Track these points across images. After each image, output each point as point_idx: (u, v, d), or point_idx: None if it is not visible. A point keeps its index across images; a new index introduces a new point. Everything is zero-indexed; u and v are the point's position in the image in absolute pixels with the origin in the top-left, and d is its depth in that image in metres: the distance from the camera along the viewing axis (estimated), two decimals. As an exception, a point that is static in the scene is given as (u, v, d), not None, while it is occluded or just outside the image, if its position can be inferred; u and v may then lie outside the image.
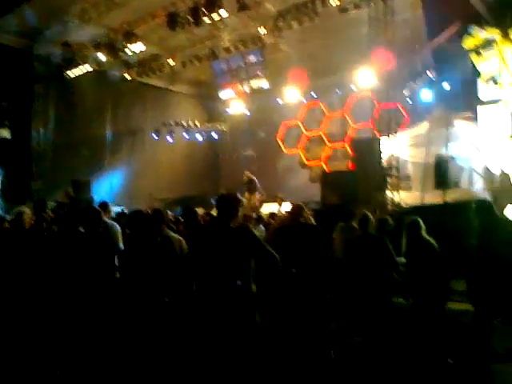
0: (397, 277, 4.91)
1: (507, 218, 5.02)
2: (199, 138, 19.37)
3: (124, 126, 17.25)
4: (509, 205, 5.67)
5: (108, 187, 15.31)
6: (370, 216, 4.95)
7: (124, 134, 17.31)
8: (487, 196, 10.25)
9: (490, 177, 10.52)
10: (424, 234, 4.96)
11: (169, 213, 7.70)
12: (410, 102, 14.91)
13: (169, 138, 18.36)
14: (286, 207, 10.57)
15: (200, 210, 7.03)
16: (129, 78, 16.22)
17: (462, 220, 9.34)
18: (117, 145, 17.00)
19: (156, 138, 18.11)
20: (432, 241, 5.10)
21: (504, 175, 9.82)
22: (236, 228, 3.84)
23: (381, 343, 4.70)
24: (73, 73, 14.98)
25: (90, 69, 14.86)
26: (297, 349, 4.83)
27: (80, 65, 14.82)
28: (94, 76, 15.14)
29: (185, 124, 18.81)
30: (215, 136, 19.85)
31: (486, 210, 5.05)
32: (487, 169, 10.57)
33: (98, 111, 16.13)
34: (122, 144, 17.31)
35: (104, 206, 6.61)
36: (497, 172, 10.21)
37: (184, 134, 18.92)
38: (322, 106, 17.64)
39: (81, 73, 14.97)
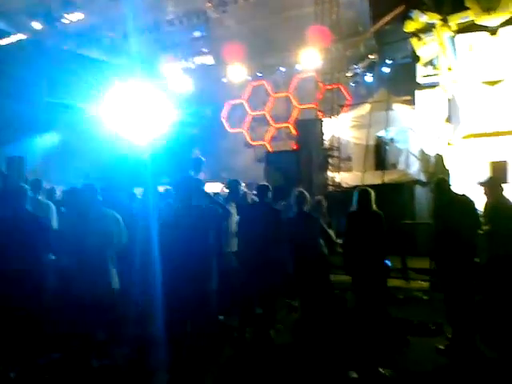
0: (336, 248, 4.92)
1: (462, 194, 5.17)
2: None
3: (60, 98, 16.39)
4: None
5: (42, 164, 14.58)
6: (306, 194, 4.94)
7: (60, 107, 16.46)
8: (423, 178, 10.67)
9: (425, 159, 10.91)
10: (374, 205, 5.04)
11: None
12: (353, 84, 15.19)
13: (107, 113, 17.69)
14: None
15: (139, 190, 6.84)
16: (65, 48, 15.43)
17: (399, 200, 9.72)
18: (52, 118, 16.16)
19: (93, 113, 17.39)
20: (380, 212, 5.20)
21: (439, 158, 10.21)
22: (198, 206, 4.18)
23: (318, 320, 4.78)
24: (5, 41, 14.08)
25: (24, 37, 14.01)
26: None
27: (14, 34, 13.94)
28: (29, 45, 14.27)
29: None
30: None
31: (443, 186, 5.18)
32: (423, 151, 10.95)
33: (31, 82, 15.21)
34: (58, 118, 16.49)
35: (36, 183, 6.29)
36: (432, 154, 10.61)
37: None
38: (267, 86, 17.59)
39: (14, 41, 14.09)
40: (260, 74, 17.12)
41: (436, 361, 4.69)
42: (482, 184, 5.31)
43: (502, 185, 5.47)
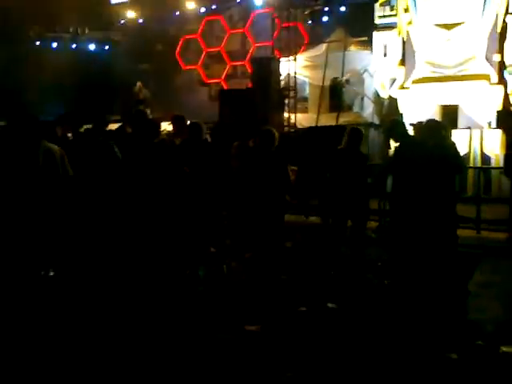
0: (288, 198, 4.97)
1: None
2: (91, 47, 17.82)
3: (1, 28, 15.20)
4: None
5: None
6: (274, 131, 4.89)
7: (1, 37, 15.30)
8: (376, 121, 10.82)
9: (379, 102, 11.02)
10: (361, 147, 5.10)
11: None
12: (310, 22, 14.85)
13: (55, 45, 16.67)
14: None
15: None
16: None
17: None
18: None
19: (38, 43, 16.31)
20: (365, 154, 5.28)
21: (392, 100, 10.33)
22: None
23: (272, 259, 4.88)
24: None
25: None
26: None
27: None
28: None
29: (72, 31, 17.10)
30: (107, 47, 18.37)
31: (401, 128, 5.24)
32: (377, 94, 11.04)
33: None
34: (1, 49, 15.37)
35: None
36: (386, 98, 10.71)
37: (72, 44, 17.27)
38: (223, 22, 16.93)
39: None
40: (215, 7, 16.42)
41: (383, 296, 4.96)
42: (414, 125, 5.42)
43: (446, 128, 5.63)
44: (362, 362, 3.60)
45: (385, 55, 10.78)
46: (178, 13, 16.45)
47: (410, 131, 5.55)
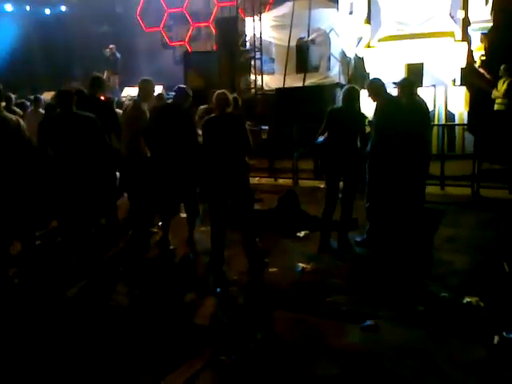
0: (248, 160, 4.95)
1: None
2: (46, 11, 16.99)
3: None
4: (362, 89, 5.98)
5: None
6: (229, 95, 4.81)
7: None
8: (343, 80, 10.77)
9: (346, 62, 10.94)
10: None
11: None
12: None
13: (8, 7, 15.79)
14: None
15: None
16: None
17: (320, 103, 9.81)
18: None
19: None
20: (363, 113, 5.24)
21: (358, 60, 10.26)
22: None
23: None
24: None
25: None
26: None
27: None
28: None
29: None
30: (64, 9, 17.54)
31: (381, 88, 5.23)
32: (344, 54, 10.95)
33: None
34: None
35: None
36: (352, 57, 10.63)
37: (26, 5, 16.39)
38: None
39: None
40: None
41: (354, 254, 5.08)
42: (396, 84, 5.43)
43: (416, 86, 5.65)
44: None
45: (351, 13, 10.63)
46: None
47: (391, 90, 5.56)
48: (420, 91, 6.31)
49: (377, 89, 5.24)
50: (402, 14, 9.64)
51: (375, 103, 5.26)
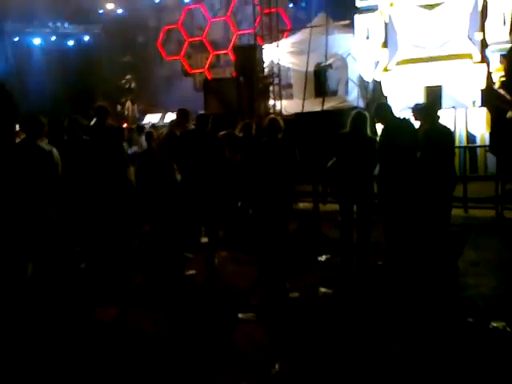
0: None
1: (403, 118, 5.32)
2: (70, 42, 17.57)
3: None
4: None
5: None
6: (281, 122, 4.90)
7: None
8: (361, 104, 10.81)
9: (363, 85, 11.00)
10: (368, 130, 5.08)
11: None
12: (291, 6, 14.76)
13: (36, 41, 16.39)
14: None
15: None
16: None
17: (338, 127, 9.83)
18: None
19: (17, 40, 16.06)
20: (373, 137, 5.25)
21: (376, 84, 10.32)
22: None
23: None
24: None
25: None
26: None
27: None
28: None
29: (51, 25, 16.82)
30: (87, 39, 18.12)
31: (388, 111, 5.26)
32: (361, 78, 11.02)
33: None
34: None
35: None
36: (370, 81, 10.69)
37: (52, 36, 17.00)
38: (203, 10, 16.77)
39: None
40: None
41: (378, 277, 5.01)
42: (414, 109, 5.44)
43: (436, 110, 5.65)
44: (357, 346, 3.64)
45: (367, 38, 10.74)
46: (157, 0, 16.26)
47: (409, 115, 5.57)
48: (440, 113, 6.31)
49: (382, 112, 5.28)
50: (419, 37, 9.72)
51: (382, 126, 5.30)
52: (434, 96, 8.92)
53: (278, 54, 12.16)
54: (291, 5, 14.62)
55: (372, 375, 3.23)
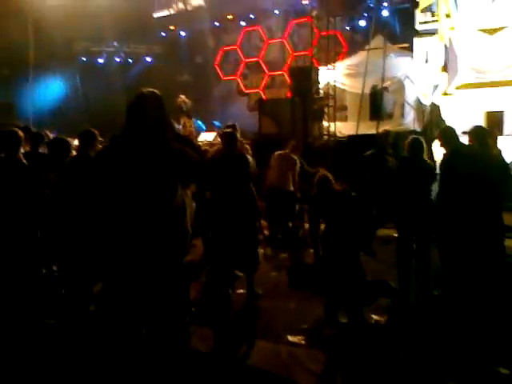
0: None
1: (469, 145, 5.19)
2: (132, 61, 18.41)
3: (49, 44, 15.79)
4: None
5: (32, 111, 14.28)
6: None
7: (49, 52, 15.90)
8: (418, 128, 10.63)
9: (421, 109, 10.82)
10: (425, 156, 5.05)
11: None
12: (348, 28, 14.79)
13: (100, 60, 17.28)
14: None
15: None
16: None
17: (394, 151, 9.69)
18: (42, 66, 15.69)
19: (84, 59, 16.97)
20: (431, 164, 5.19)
21: (434, 108, 10.12)
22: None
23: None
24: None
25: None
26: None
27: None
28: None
29: (116, 45, 17.70)
30: (149, 61, 18.92)
31: (454, 136, 5.16)
32: (419, 101, 10.84)
33: (18, 25, 14.59)
34: (48, 66, 16.03)
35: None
36: (428, 104, 10.50)
37: (116, 57, 17.87)
38: (261, 32, 17.11)
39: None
40: (253, 17, 16.64)
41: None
42: (467, 133, 5.29)
43: (492, 135, 5.46)
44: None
45: (426, 61, 10.59)
46: (217, 24, 16.76)
47: (463, 139, 5.43)
48: (500, 140, 6.09)
49: (447, 136, 5.15)
50: (480, 62, 9.48)
51: (444, 151, 5.16)
52: (495, 122, 8.63)
53: (334, 75, 12.20)
54: (348, 29, 14.65)
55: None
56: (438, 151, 6.02)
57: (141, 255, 2.70)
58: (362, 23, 14.55)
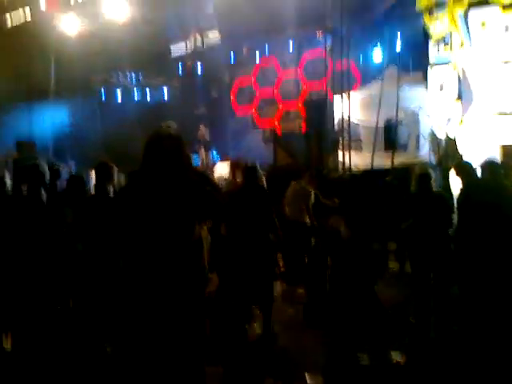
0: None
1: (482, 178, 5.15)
2: (148, 93, 18.92)
3: (66, 78, 16.18)
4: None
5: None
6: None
7: (67, 86, 16.29)
8: (433, 160, 10.56)
9: (436, 141, 10.77)
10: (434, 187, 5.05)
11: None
12: (362, 62, 14.93)
13: (119, 94, 17.70)
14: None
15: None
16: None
17: (409, 183, 9.63)
18: (59, 101, 16.12)
19: (103, 91, 17.41)
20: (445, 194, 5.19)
21: (449, 140, 10.08)
22: None
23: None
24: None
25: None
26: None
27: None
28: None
29: (133, 76, 18.19)
30: (166, 94, 19.37)
31: (468, 169, 5.15)
32: (433, 133, 10.81)
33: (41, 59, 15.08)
34: (66, 97, 16.45)
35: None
36: (443, 136, 10.46)
37: (132, 87, 18.40)
38: (275, 64, 17.37)
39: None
40: (268, 51, 16.96)
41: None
42: (480, 166, 5.26)
43: (508, 167, 5.42)
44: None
45: (440, 91, 10.60)
46: (232, 62, 17.14)
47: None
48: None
49: (463, 169, 5.14)
50: (495, 92, 9.45)
51: (461, 184, 5.13)
52: (510, 154, 8.54)
53: (348, 107, 12.25)
54: (362, 61, 14.80)
55: None
56: (455, 184, 5.99)
57: (164, 291, 2.72)
58: (375, 55, 14.70)
